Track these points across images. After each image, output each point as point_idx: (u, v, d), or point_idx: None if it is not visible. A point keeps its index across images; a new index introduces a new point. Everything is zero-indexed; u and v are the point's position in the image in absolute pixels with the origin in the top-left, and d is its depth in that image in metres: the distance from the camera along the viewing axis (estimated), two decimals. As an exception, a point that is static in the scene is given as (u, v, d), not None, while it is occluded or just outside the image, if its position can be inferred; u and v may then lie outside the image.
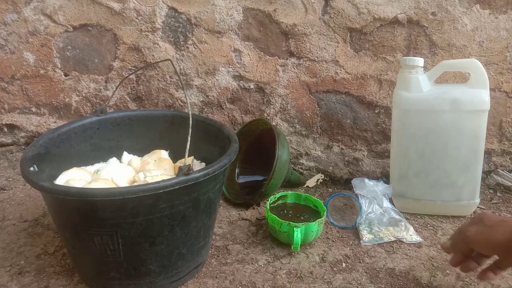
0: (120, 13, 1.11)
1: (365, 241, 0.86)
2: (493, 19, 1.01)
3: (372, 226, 0.90)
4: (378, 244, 0.86)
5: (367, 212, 0.92)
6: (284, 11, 1.06)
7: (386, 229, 0.89)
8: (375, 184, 0.95)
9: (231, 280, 0.74)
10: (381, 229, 0.89)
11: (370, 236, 0.87)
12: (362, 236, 0.87)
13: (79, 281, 0.73)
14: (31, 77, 1.19)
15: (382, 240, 0.86)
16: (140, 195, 0.57)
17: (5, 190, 1.06)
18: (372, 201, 0.94)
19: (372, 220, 0.91)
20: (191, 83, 1.15)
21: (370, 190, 0.94)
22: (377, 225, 0.90)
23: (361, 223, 0.90)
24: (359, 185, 0.96)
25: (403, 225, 0.90)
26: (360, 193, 0.94)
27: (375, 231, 0.88)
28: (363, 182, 0.95)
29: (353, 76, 1.09)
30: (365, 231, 0.88)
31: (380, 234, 0.87)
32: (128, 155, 0.90)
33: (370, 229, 0.89)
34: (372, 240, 0.86)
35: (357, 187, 0.96)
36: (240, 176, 1.12)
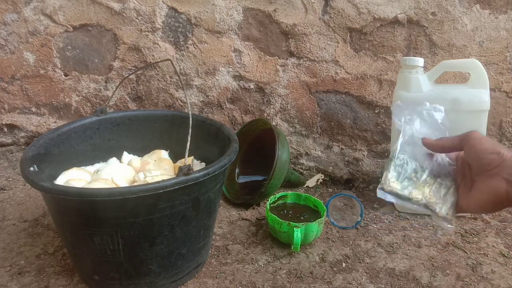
0: (120, 13, 1.11)
1: (384, 188, 0.53)
2: (493, 19, 1.01)
3: (406, 170, 0.55)
4: (397, 201, 0.54)
5: (406, 147, 0.56)
6: (284, 11, 1.06)
7: (424, 186, 0.54)
8: (434, 108, 0.59)
9: (231, 280, 0.74)
10: (419, 182, 0.54)
11: (396, 184, 0.54)
12: (385, 179, 0.53)
13: (79, 281, 0.73)
14: (31, 77, 1.19)
15: (404, 200, 0.54)
16: (140, 195, 0.57)
17: (5, 190, 1.06)
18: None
19: (414, 161, 0.55)
20: (191, 83, 1.15)
21: (424, 114, 0.59)
22: (417, 173, 0.55)
23: (396, 158, 0.54)
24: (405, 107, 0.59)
25: (449, 194, 0.54)
26: (405, 116, 0.58)
27: (406, 183, 0.54)
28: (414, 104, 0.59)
29: (353, 76, 1.09)
30: (394, 173, 0.54)
31: (410, 191, 0.53)
32: (128, 155, 0.90)
33: (402, 174, 0.54)
34: (394, 193, 0.54)
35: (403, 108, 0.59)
36: (240, 176, 1.12)
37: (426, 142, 0.53)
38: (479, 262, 0.81)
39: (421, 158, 0.56)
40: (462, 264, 0.80)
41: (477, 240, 0.89)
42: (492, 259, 0.82)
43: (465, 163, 0.51)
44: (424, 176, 0.55)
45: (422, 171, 0.55)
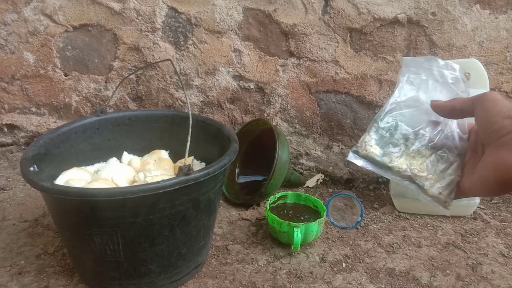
0: (120, 13, 1.11)
1: (358, 151, 0.43)
2: (493, 19, 1.00)
3: (393, 135, 0.43)
4: (372, 170, 0.44)
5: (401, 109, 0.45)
6: (284, 11, 1.06)
7: (414, 157, 0.43)
8: (445, 65, 0.47)
9: (231, 280, 0.74)
10: (407, 150, 0.43)
11: (374, 149, 0.43)
12: (362, 141, 0.43)
13: (79, 281, 0.73)
14: (31, 77, 1.19)
15: (382, 168, 0.43)
16: (140, 195, 0.57)
17: (5, 190, 1.06)
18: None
19: (407, 127, 0.44)
20: (191, 83, 1.15)
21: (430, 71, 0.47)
22: (407, 140, 0.43)
23: (381, 120, 0.44)
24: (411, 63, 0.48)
25: (449, 170, 0.42)
26: (411, 75, 0.47)
27: (390, 149, 0.43)
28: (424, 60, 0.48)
29: (353, 76, 1.09)
30: (375, 136, 0.43)
31: (393, 159, 0.42)
32: (128, 155, 0.90)
33: (387, 139, 0.43)
34: (370, 158, 0.43)
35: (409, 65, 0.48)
36: (240, 176, 1.12)
37: (434, 104, 0.42)
38: (479, 262, 0.81)
39: (420, 125, 0.44)
40: (462, 264, 0.80)
41: (477, 240, 0.89)
42: (492, 259, 0.82)
43: (478, 136, 0.40)
44: (416, 144, 0.43)
45: (415, 139, 0.43)
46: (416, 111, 0.44)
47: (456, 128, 0.44)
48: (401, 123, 0.43)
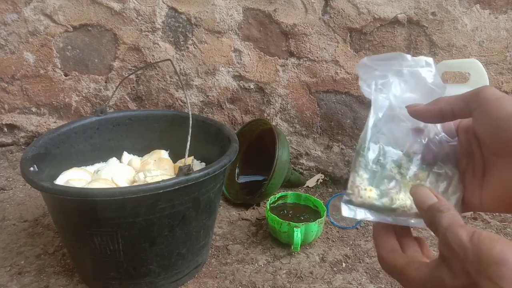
0: (120, 13, 1.11)
1: (353, 200, 0.34)
2: (493, 19, 1.00)
3: (384, 166, 0.35)
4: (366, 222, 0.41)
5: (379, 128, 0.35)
6: (284, 11, 1.06)
7: (416, 178, 0.35)
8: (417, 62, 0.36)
9: (231, 280, 0.74)
10: (405, 180, 0.35)
11: (370, 192, 0.34)
12: (353, 186, 0.34)
13: (79, 281, 0.73)
14: (31, 77, 1.19)
15: (385, 212, 0.34)
16: (140, 195, 0.57)
17: (5, 190, 1.06)
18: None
19: (396, 149, 0.35)
20: (191, 83, 1.15)
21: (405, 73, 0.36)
22: (400, 167, 0.35)
23: (367, 150, 0.35)
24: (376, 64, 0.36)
25: (451, 187, 0.35)
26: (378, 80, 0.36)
27: (386, 185, 0.34)
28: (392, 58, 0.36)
29: (353, 76, 1.09)
30: (366, 175, 0.34)
31: (393, 197, 0.34)
32: (128, 155, 0.90)
33: (379, 174, 0.34)
34: (367, 205, 0.34)
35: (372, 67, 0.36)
36: (240, 176, 1.12)
37: (413, 110, 0.34)
38: (479, 262, 0.81)
39: (405, 141, 0.35)
40: (462, 264, 0.80)
41: (477, 240, 0.89)
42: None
43: (473, 136, 0.33)
44: (412, 168, 0.35)
45: (408, 162, 0.35)
46: (396, 125, 0.35)
47: (441, 131, 0.36)
48: (387, 147, 0.35)
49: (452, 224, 0.27)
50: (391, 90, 0.36)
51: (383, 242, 0.33)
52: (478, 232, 0.25)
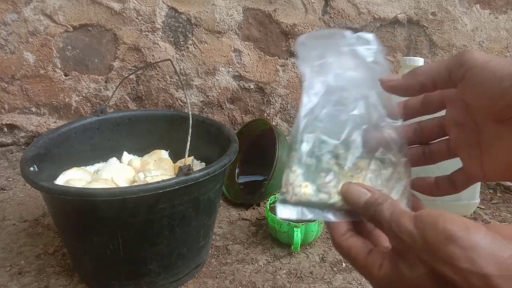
0: (120, 13, 1.11)
1: (287, 199, 0.31)
2: (493, 19, 1.01)
3: (320, 158, 0.31)
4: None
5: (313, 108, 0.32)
6: (284, 11, 1.06)
7: (353, 176, 0.31)
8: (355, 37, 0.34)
9: (231, 280, 0.74)
10: (343, 171, 0.31)
11: (305, 188, 0.31)
12: (286, 184, 0.32)
13: (79, 281, 0.73)
14: (31, 77, 1.19)
15: (324, 209, 0.31)
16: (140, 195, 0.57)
17: (5, 190, 1.06)
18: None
19: (332, 138, 0.31)
20: (191, 83, 1.15)
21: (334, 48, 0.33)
22: (338, 158, 0.31)
23: (300, 143, 0.31)
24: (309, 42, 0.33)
25: (396, 174, 0.32)
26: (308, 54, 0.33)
27: (322, 179, 0.31)
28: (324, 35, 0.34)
29: (353, 76, 1.09)
30: (300, 170, 0.31)
31: (330, 191, 0.31)
32: (128, 155, 0.90)
33: (314, 167, 0.31)
34: (304, 202, 0.31)
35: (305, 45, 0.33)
36: (240, 176, 1.12)
37: (389, 85, 0.31)
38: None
39: (343, 128, 0.31)
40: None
41: (477, 240, 0.89)
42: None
43: (461, 106, 0.30)
44: (351, 158, 0.31)
45: (346, 151, 0.31)
46: (335, 110, 0.31)
47: (381, 109, 0.32)
48: (324, 136, 0.31)
49: (394, 213, 0.26)
50: (330, 71, 0.32)
51: (336, 224, 0.31)
52: (419, 215, 0.24)
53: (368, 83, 0.32)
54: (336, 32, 0.32)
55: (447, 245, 0.22)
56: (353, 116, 0.32)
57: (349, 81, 0.32)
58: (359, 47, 0.33)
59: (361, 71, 0.33)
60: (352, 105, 0.32)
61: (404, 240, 0.25)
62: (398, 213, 0.26)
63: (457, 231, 0.22)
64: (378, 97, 0.32)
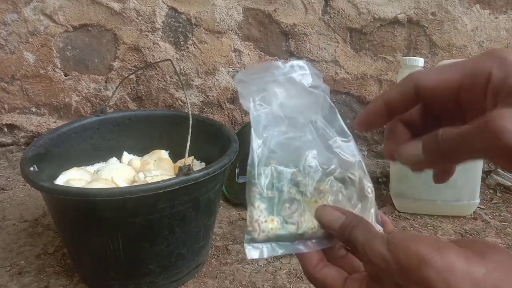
0: (120, 13, 1.11)
1: (255, 237, 0.29)
2: (493, 19, 1.00)
3: (281, 189, 0.30)
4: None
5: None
6: (284, 11, 1.06)
7: (317, 200, 0.31)
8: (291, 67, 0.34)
9: (231, 280, 0.74)
10: (306, 198, 0.31)
11: (271, 222, 0.29)
12: (251, 222, 0.29)
13: (79, 281, 0.73)
14: (31, 77, 1.19)
15: (294, 241, 0.30)
16: (140, 195, 0.57)
17: (5, 190, 1.06)
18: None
19: (289, 166, 0.31)
20: (191, 83, 1.15)
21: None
22: (299, 185, 0.31)
23: (258, 177, 0.30)
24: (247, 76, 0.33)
25: (363, 193, 0.32)
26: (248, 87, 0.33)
27: (287, 211, 0.30)
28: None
29: (353, 76, 1.09)
30: (263, 205, 0.30)
31: (297, 220, 0.30)
32: (128, 155, 0.90)
33: (278, 200, 0.30)
34: (272, 238, 0.30)
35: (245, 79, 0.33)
36: (240, 176, 1.12)
37: (361, 120, 0.30)
38: (479, 262, 0.81)
39: (298, 155, 0.31)
40: (462, 264, 0.80)
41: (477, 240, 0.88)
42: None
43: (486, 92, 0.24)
44: (311, 182, 0.31)
45: (305, 177, 0.31)
46: (285, 139, 0.31)
47: (334, 133, 0.33)
48: (280, 167, 0.30)
49: (367, 237, 0.26)
50: (273, 101, 0.32)
51: (307, 255, 0.30)
52: (391, 237, 0.24)
53: (312, 108, 0.32)
54: (270, 65, 0.33)
55: (421, 268, 0.22)
56: (304, 141, 0.32)
57: (294, 109, 0.32)
58: (294, 74, 0.33)
59: (302, 97, 0.33)
60: (301, 131, 0.32)
61: (378, 264, 0.24)
62: (371, 236, 0.26)
63: (429, 253, 0.22)
64: (325, 119, 0.33)
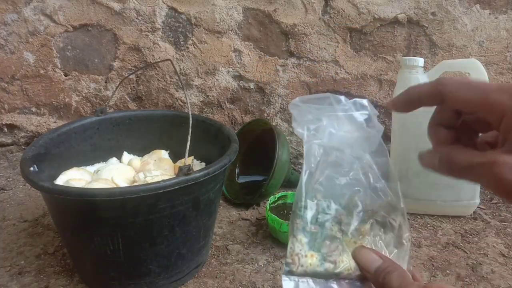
0: (120, 13, 1.11)
1: (293, 270, 0.30)
2: (493, 19, 1.01)
3: (323, 225, 0.31)
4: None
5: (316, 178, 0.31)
6: (284, 11, 1.06)
7: (356, 242, 0.31)
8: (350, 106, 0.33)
9: (231, 280, 0.74)
10: (347, 238, 0.31)
11: (311, 258, 0.30)
12: (292, 254, 0.30)
13: (79, 281, 0.73)
14: (31, 77, 1.19)
15: (329, 278, 0.30)
16: (140, 195, 0.57)
17: (5, 190, 1.06)
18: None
19: (334, 201, 0.31)
20: (191, 83, 1.15)
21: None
22: (341, 223, 0.31)
23: (304, 209, 0.30)
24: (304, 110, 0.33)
25: (396, 235, 0.32)
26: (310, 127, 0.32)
27: (326, 248, 0.30)
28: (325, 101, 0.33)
29: (353, 76, 1.09)
30: (305, 238, 0.30)
31: (336, 259, 0.30)
32: (128, 155, 0.90)
33: (320, 235, 0.30)
34: (310, 273, 0.30)
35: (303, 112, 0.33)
36: (240, 176, 1.12)
37: (390, 104, 0.31)
38: (479, 262, 0.81)
39: (343, 191, 0.31)
40: (462, 264, 0.80)
41: (477, 240, 0.88)
42: (492, 259, 0.82)
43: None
44: (353, 223, 0.30)
45: (348, 216, 0.30)
46: (333, 172, 0.31)
47: (377, 169, 0.32)
48: (325, 201, 0.30)
49: (402, 284, 0.26)
50: (326, 132, 0.32)
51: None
52: (429, 286, 0.25)
53: (362, 144, 0.32)
54: (330, 96, 0.32)
55: None
56: (350, 179, 0.32)
57: (343, 141, 0.32)
58: (354, 113, 0.33)
59: (355, 132, 0.33)
60: (348, 166, 0.32)
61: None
62: (406, 283, 0.26)
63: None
64: (372, 159, 0.32)
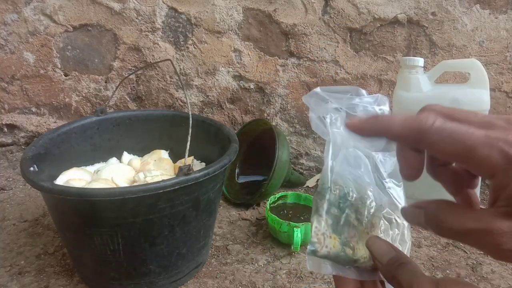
0: (120, 13, 1.11)
1: (318, 251, 0.29)
2: (493, 19, 1.00)
3: (343, 209, 0.30)
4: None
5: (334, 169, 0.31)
6: (284, 11, 1.06)
7: (369, 232, 0.32)
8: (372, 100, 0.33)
9: (231, 280, 0.74)
10: (361, 227, 0.31)
11: (333, 240, 0.29)
12: (317, 233, 0.29)
13: (79, 281, 0.73)
14: (31, 77, 1.19)
15: (346, 264, 0.30)
16: (140, 195, 0.57)
17: (5, 190, 1.06)
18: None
19: (354, 189, 0.31)
20: (191, 83, 1.15)
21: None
22: (357, 212, 0.31)
23: (329, 191, 0.30)
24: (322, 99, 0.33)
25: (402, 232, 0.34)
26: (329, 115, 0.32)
27: (346, 233, 0.30)
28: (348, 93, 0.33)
29: (353, 76, 1.09)
30: (330, 220, 0.30)
31: (355, 248, 0.30)
32: (128, 155, 0.90)
33: (343, 218, 0.30)
34: (332, 256, 0.29)
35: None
36: (240, 176, 1.12)
37: (352, 124, 0.27)
38: (479, 262, 0.81)
39: (361, 181, 0.31)
40: (462, 264, 0.80)
41: (477, 240, 0.89)
42: (492, 259, 0.82)
43: None
44: (367, 214, 0.31)
45: (363, 206, 0.31)
46: (353, 162, 0.32)
47: (386, 175, 0.32)
48: (346, 188, 0.30)
49: (415, 276, 0.26)
50: (344, 123, 0.31)
51: (345, 280, 0.30)
52: (442, 281, 0.24)
53: (374, 142, 0.31)
54: (353, 88, 0.32)
55: None
56: (365, 171, 0.32)
57: (357, 137, 0.31)
58: (374, 107, 0.32)
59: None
60: (363, 159, 0.32)
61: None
62: (419, 276, 0.26)
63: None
64: (383, 158, 0.33)
